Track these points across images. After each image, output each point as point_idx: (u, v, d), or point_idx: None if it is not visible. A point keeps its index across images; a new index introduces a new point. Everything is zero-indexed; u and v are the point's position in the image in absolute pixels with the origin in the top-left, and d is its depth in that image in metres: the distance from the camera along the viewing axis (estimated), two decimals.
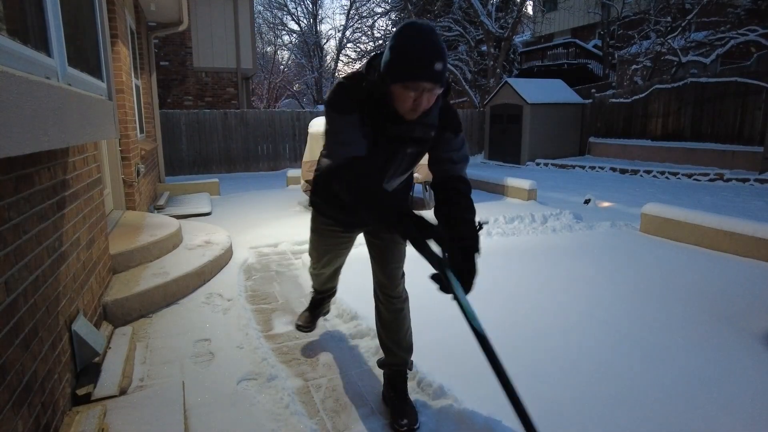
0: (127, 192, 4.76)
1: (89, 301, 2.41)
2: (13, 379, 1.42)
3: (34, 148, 1.35)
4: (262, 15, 28.07)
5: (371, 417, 2.01)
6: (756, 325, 2.80)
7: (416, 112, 1.55)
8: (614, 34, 18.60)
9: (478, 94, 18.17)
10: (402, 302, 2.12)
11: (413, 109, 1.53)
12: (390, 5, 23.55)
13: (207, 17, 12.80)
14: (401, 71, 1.47)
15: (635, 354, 2.47)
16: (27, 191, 1.66)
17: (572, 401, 2.05)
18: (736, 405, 2.03)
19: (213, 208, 6.48)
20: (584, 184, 9.52)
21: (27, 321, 1.58)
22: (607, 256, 4.29)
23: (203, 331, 2.75)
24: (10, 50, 1.39)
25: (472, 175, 8.19)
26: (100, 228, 2.76)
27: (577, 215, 5.89)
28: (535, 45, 23.58)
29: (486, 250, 4.48)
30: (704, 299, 3.21)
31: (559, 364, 2.37)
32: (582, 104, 14.00)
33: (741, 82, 10.26)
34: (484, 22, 16.67)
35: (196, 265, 3.44)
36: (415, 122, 1.62)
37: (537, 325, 2.81)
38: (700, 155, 10.77)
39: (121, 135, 4.62)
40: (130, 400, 2.02)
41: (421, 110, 1.55)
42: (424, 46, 1.44)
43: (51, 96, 1.51)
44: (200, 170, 11.51)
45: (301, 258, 4.11)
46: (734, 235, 4.28)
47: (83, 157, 2.47)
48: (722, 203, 7.23)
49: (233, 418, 1.95)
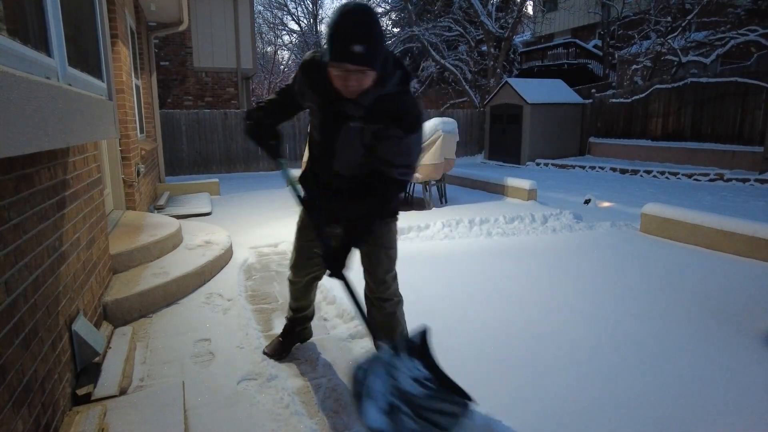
0: (127, 192, 4.77)
1: (89, 301, 2.41)
2: (13, 379, 1.43)
3: (34, 148, 1.35)
4: (263, 15, 28.10)
5: None
6: (756, 325, 2.80)
7: (348, 91, 1.60)
8: (614, 34, 18.60)
9: (478, 94, 18.18)
10: (393, 306, 2.10)
11: (345, 87, 1.59)
12: (390, 5, 23.55)
13: (207, 17, 12.81)
14: (328, 51, 1.54)
15: (635, 354, 2.47)
16: (27, 191, 1.66)
17: (572, 401, 2.05)
18: (736, 405, 2.03)
19: (213, 208, 6.48)
20: (584, 184, 9.52)
21: (27, 321, 1.58)
22: (607, 256, 4.29)
23: (203, 331, 2.75)
24: (11, 50, 1.39)
25: (472, 175, 8.21)
26: (100, 228, 2.76)
27: (577, 215, 5.88)
28: (535, 45, 23.58)
29: (486, 250, 4.50)
30: (704, 299, 3.21)
31: (559, 363, 2.37)
32: (582, 104, 14.00)
33: (741, 82, 10.26)
34: (484, 22, 16.67)
35: (196, 265, 3.44)
36: (352, 101, 1.65)
37: (537, 325, 2.81)
38: (701, 155, 10.77)
39: (121, 135, 4.62)
40: (130, 400, 2.02)
41: (352, 90, 1.59)
42: (346, 28, 1.48)
43: (51, 96, 1.51)
44: (200, 170, 11.51)
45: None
46: (734, 235, 4.28)
47: (83, 157, 2.47)
48: (722, 203, 7.22)
49: (233, 418, 1.95)
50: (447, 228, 5.27)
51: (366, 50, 1.48)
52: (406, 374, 1.60)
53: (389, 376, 1.58)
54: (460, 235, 5.15)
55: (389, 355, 1.61)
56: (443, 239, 5.00)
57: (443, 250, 4.48)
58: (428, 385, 1.60)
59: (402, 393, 1.58)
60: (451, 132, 6.45)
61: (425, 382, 1.61)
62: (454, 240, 4.97)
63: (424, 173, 6.26)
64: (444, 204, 6.76)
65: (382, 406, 1.50)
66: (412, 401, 1.56)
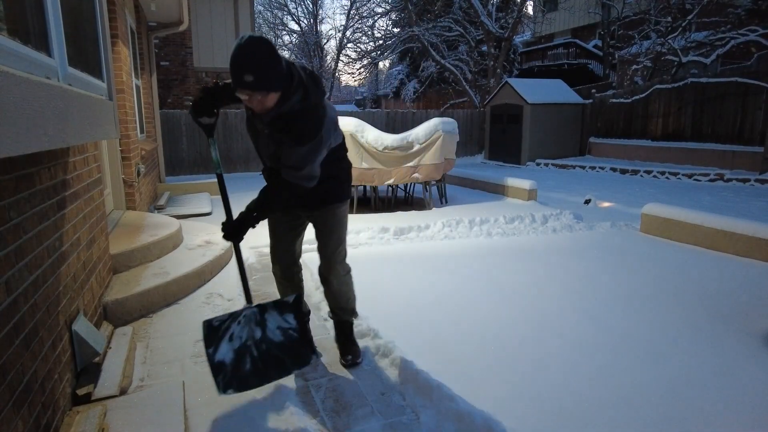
0: (127, 192, 4.77)
1: (89, 301, 2.41)
2: (13, 379, 1.43)
3: (34, 147, 1.35)
4: (263, 15, 28.08)
5: (371, 417, 2.01)
6: (756, 325, 2.80)
7: (256, 108, 1.91)
8: (614, 34, 18.60)
9: (479, 94, 18.18)
10: (339, 283, 2.43)
11: (252, 106, 1.90)
12: (390, 5, 23.54)
13: (207, 17, 12.81)
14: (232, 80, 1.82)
15: (635, 354, 2.47)
16: (27, 191, 1.66)
17: (572, 401, 2.05)
18: (736, 405, 2.03)
19: (213, 208, 6.48)
20: (584, 184, 9.52)
21: (27, 321, 1.58)
22: (607, 256, 4.29)
23: None
24: (11, 50, 1.39)
25: (472, 175, 8.22)
26: (100, 228, 2.76)
27: (577, 215, 5.89)
28: (535, 45, 23.58)
29: (486, 250, 4.50)
30: (704, 299, 3.21)
31: (558, 363, 2.37)
32: (582, 104, 14.00)
33: (741, 82, 10.26)
34: (485, 22, 16.68)
35: (196, 265, 3.44)
36: (260, 116, 1.97)
37: (537, 325, 2.81)
38: (701, 155, 10.76)
39: (121, 135, 4.62)
40: (131, 400, 2.02)
41: (258, 108, 1.90)
42: (237, 60, 1.75)
43: (51, 96, 1.52)
44: (201, 170, 11.49)
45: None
46: (734, 235, 4.28)
47: (83, 157, 2.47)
48: (722, 203, 7.22)
49: (233, 418, 1.95)
50: (447, 228, 5.28)
51: (255, 78, 1.75)
52: (273, 324, 1.95)
53: (247, 326, 1.93)
54: (461, 235, 5.16)
55: (252, 311, 1.96)
56: (443, 239, 5.00)
57: (443, 250, 4.48)
58: (290, 333, 1.95)
59: (255, 338, 1.92)
60: (451, 132, 6.46)
61: (289, 330, 1.96)
62: (454, 240, 4.97)
63: (424, 173, 6.26)
64: (444, 204, 6.77)
65: (235, 346, 1.88)
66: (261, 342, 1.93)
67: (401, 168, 6.17)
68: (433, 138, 6.16)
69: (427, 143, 6.16)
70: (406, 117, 14.17)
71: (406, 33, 19.36)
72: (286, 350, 1.93)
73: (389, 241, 4.89)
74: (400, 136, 6.16)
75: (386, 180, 6.16)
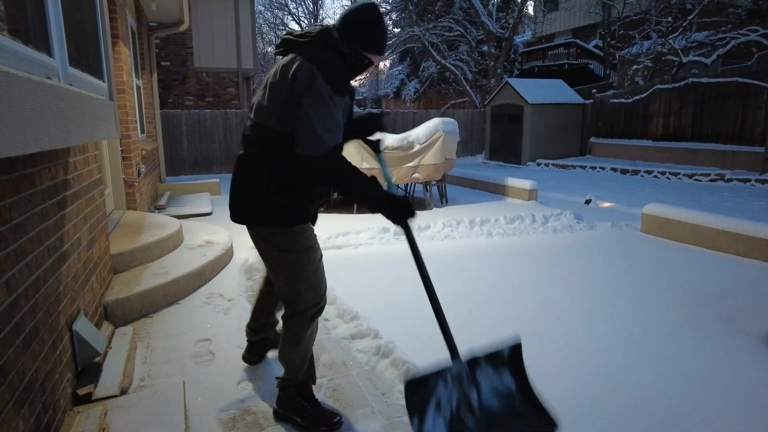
0: (127, 192, 4.77)
1: (90, 300, 2.41)
2: (14, 379, 1.43)
3: (35, 148, 1.35)
4: (263, 15, 28.12)
5: (371, 417, 2.01)
6: (756, 325, 2.80)
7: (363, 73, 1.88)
8: (615, 34, 18.59)
9: (479, 94, 18.18)
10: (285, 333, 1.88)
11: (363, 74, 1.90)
12: (390, 5, 23.53)
13: (208, 17, 12.81)
14: (375, 45, 1.79)
15: (635, 354, 2.47)
16: (28, 191, 1.66)
17: (572, 401, 2.05)
18: (736, 405, 2.03)
19: (214, 208, 6.48)
20: (585, 184, 9.51)
21: (28, 321, 1.58)
22: (607, 256, 4.29)
23: (204, 331, 2.75)
24: (12, 50, 1.39)
25: (473, 175, 8.21)
26: (101, 228, 2.77)
27: (577, 215, 5.88)
28: (535, 45, 23.57)
29: (486, 250, 4.50)
30: (704, 299, 3.21)
31: (559, 364, 2.37)
32: (583, 104, 13.99)
33: (742, 82, 10.25)
34: (485, 23, 16.67)
35: (196, 265, 3.44)
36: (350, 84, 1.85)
37: (538, 325, 2.81)
38: (701, 155, 10.76)
39: (122, 135, 4.62)
40: (131, 399, 2.02)
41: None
42: (384, 25, 1.83)
43: (52, 96, 1.52)
44: (201, 170, 11.50)
45: None
46: (734, 236, 4.28)
47: (84, 157, 2.47)
48: (723, 203, 7.22)
49: (234, 418, 1.95)
50: (447, 228, 5.28)
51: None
52: (487, 385, 1.54)
53: (458, 389, 1.51)
54: (461, 235, 5.15)
55: (460, 367, 1.54)
56: (444, 239, 5.00)
57: (444, 250, 4.48)
58: (511, 401, 1.52)
59: (471, 407, 1.50)
60: (452, 132, 6.46)
61: (508, 397, 1.52)
62: (454, 240, 4.97)
63: (425, 173, 6.26)
64: (444, 204, 6.76)
65: (446, 418, 1.45)
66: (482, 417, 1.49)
67: (402, 168, 6.17)
68: (433, 138, 6.16)
69: (428, 143, 6.16)
70: (406, 117, 14.17)
71: (407, 33, 19.34)
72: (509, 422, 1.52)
73: (389, 241, 4.89)
74: (401, 136, 6.16)
75: None
